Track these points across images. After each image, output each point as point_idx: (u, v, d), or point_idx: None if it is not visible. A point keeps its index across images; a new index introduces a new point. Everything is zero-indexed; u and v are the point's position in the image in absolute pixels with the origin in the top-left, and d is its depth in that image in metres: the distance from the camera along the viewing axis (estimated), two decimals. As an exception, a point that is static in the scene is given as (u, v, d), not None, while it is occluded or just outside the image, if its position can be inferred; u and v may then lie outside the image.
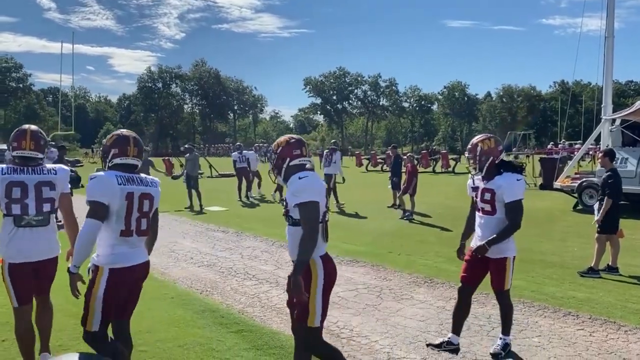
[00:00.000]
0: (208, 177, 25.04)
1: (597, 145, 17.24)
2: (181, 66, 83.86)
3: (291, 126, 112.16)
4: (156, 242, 3.56)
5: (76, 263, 3.06)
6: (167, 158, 27.32)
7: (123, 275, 3.14)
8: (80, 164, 36.36)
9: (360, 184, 20.69)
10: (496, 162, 4.04)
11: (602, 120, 14.46)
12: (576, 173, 15.59)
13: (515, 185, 3.94)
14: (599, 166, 10.91)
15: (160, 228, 3.62)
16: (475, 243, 4.15)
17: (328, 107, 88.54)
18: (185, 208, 13.71)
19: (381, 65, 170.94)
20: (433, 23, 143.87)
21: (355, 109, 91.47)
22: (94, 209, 3.03)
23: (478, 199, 4.12)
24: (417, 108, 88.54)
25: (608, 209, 6.74)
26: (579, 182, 13.42)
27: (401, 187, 12.84)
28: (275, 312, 5.38)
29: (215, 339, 4.58)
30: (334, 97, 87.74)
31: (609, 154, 7.22)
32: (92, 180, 3.10)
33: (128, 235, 3.16)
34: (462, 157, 24.25)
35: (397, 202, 13.35)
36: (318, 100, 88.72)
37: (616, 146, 12.45)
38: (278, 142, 3.38)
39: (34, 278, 3.57)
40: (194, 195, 13.96)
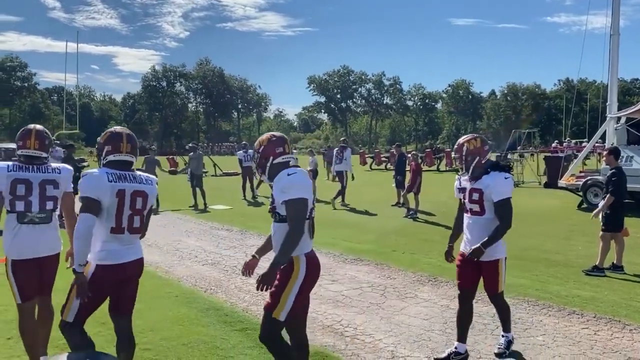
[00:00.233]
0: (212, 176, 25.11)
1: (603, 143, 17.18)
2: (185, 65, 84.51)
3: (295, 125, 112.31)
4: (160, 241, 3.58)
5: (80, 262, 3.02)
6: (172, 157, 27.42)
7: (110, 272, 3.12)
8: (85, 163, 36.46)
9: (364, 183, 20.65)
10: (483, 162, 4.00)
11: (608, 118, 14.40)
12: (581, 171, 15.54)
13: (503, 183, 3.88)
14: (604, 164, 10.86)
15: (164, 226, 3.64)
16: (464, 245, 4.10)
17: (332, 106, 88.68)
18: (189, 207, 13.74)
19: (385, 63, 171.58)
20: (437, 21, 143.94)
21: (359, 108, 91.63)
22: (87, 204, 3.04)
23: (466, 200, 4.06)
24: (421, 106, 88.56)
25: (611, 207, 6.72)
26: (584, 181, 13.37)
27: (405, 186, 12.84)
28: (279, 311, 5.38)
29: (219, 337, 4.60)
30: (338, 96, 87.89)
31: (614, 152, 7.19)
32: (83, 177, 3.13)
33: (119, 232, 3.15)
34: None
35: (401, 201, 13.33)
36: (322, 98, 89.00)
37: (621, 144, 12.39)
38: (260, 141, 3.35)
39: (37, 275, 3.60)
40: (198, 193, 13.98)
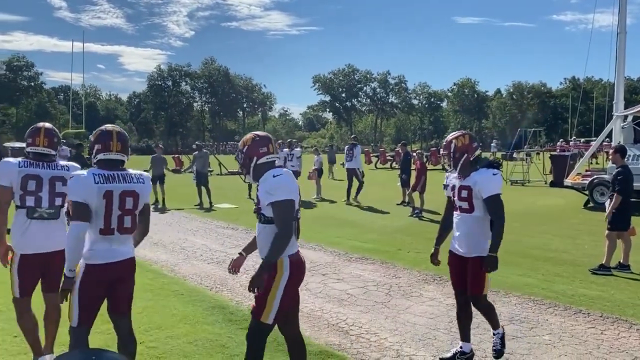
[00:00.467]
0: (217, 175, 25.16)
1: (611, 142, 17.10)
2: (191, 64, 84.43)
3: (300, 123, 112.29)
4: (166, 239, 3.58)
5: (70, 267, 3.01)
6: (177, 156, 27.49)
7: (99, 271, 3.09)
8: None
9: (369, 182, 20.56)
10: (471, 159, 3.96)
11: (614, 117, 14.32)
12: (587, 170, 15.46)
13: (491, 180, 3.83)
14: (610, 163, 10.81)
15: (169, 225, 3.65)
16: (453, 243, 4.06)
17: (337, 105, 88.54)
18: (195, 205, 13.78)
19: (390, 62, 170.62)
20: (443, 20, 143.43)
21: (364, 106, 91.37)
22: (76, 211, 2.99)
23: (455, 197, 4.02)
24: (427, 105, 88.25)
25: (618, 206, 6.69)
26: (590, 180, 13.31)
27: (410, 185, 12.82)
28: (284, 309, 5.39)
29: (225, 336, 4.61)
30: (343, 95, 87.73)
31: (620, 151, 7.15)
32: (70, 180, 3.10)
33: (108, 233, 3.09)
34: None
35: (407, 200, 13.33)
36: (327, 97, 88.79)
37: (628, 143, 12.32)
38: (244, 141, 3.28)
39: (42, 272, 3.66)
40: (204, 192, 14.04)
